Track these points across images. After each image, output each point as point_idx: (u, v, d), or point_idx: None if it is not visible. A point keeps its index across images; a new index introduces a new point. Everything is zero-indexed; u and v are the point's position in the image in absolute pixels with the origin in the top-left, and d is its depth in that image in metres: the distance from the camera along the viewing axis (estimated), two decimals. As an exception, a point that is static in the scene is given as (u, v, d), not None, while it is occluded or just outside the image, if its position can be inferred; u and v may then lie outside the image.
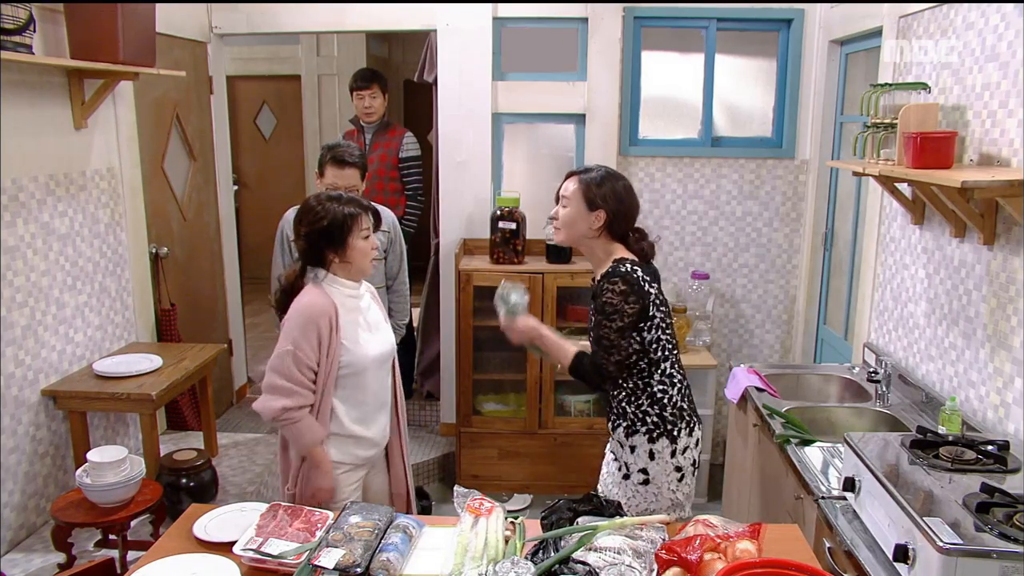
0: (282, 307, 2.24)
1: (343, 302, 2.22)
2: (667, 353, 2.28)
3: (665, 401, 2.26)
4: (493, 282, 3.90)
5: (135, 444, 3.44)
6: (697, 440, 2.32)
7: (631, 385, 2.28)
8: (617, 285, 2.18)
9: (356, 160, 3.02)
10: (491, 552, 1.73)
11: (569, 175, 2.33)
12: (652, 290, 2.23)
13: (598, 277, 2.28)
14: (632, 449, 2.29)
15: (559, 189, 2.32)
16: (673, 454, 2.26)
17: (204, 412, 3.46)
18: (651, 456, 2.26)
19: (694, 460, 2.32)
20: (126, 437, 3.44)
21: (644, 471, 2.28)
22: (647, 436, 2.26)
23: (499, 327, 2.38)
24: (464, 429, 3.89)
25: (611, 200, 2.25)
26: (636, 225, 2.34)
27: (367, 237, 2.25)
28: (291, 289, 2.24)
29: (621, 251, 2.28)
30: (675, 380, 2.29)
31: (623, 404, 2.30)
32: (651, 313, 2.23)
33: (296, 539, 1.83)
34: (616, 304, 2.18)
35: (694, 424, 2.31)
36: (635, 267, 2.22)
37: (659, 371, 2.27)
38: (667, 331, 2.28)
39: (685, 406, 2.29)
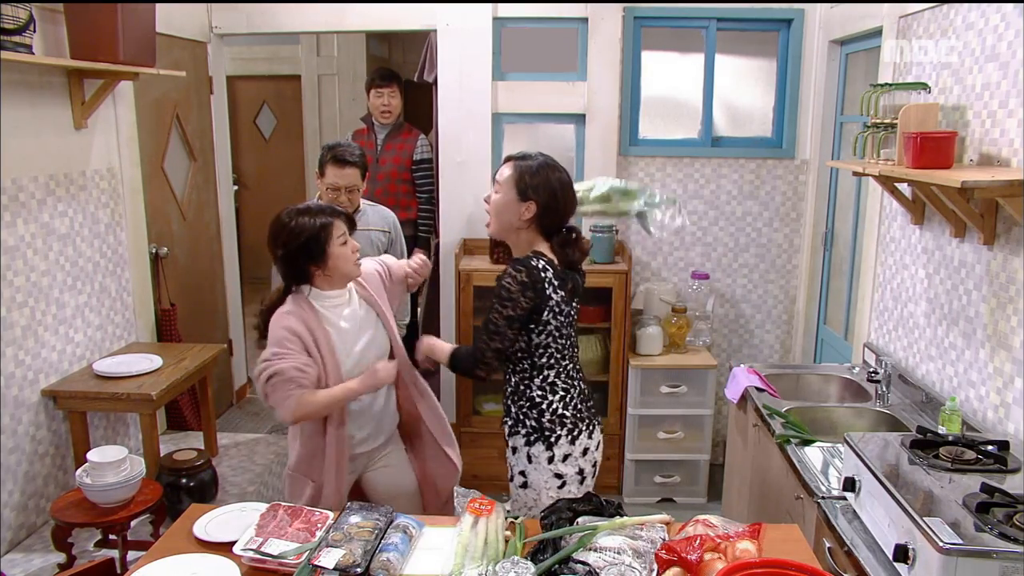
0: (265, 329, 2.19)
1: (327, 315, 2.19)
2: (553, 362, 2.20)
3: (544, 407, 2.20)
4: (493, 282, 3.88)
5: (135, 444, 3.44)
6: (585, 449, 2.23)
7: (513, 382, 2.25)
8: (521, 274, 2.10)
9: (356, 159, 3.02)
10: (491, 552, 1.74)
11: (506, 159, 2.23)
12: (554, 295, 2.14)
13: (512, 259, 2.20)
14: (514, 450, 2.26)
15: (495, 173, 2.22)
16: (551, 460, 2.20)
17: (204, 412, 3.46)
18: (528, 459, 2.22)
19: (581, 469, 2.23)
20: (126, 437, 3.44)
21: (523, 474, 2.24)
22: (524, 439, 2.22)
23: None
24: (464, 429, 3.89)
25: (543, 192, 2.14)
26: (571, 225, 2.24)
27: (345, 243, 2.18)
28: (273, 310, 2.19)
29: (543, 247, 2.19)
30: (557, 388, 2.21)
31: (508, 401, 2.27)
32: (544, 318, 2.14)
33: (296, 539, 1.83)
34: (512, 292, 2.10)
35: (580, 432, 2.22)
36: (547, 266, 2.14)
37: (540, 377, 2.20)
38: (560, 340, 2.20)
39: (568, 413, 2.21)
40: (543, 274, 2.12)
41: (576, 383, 2.27)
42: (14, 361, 2.79)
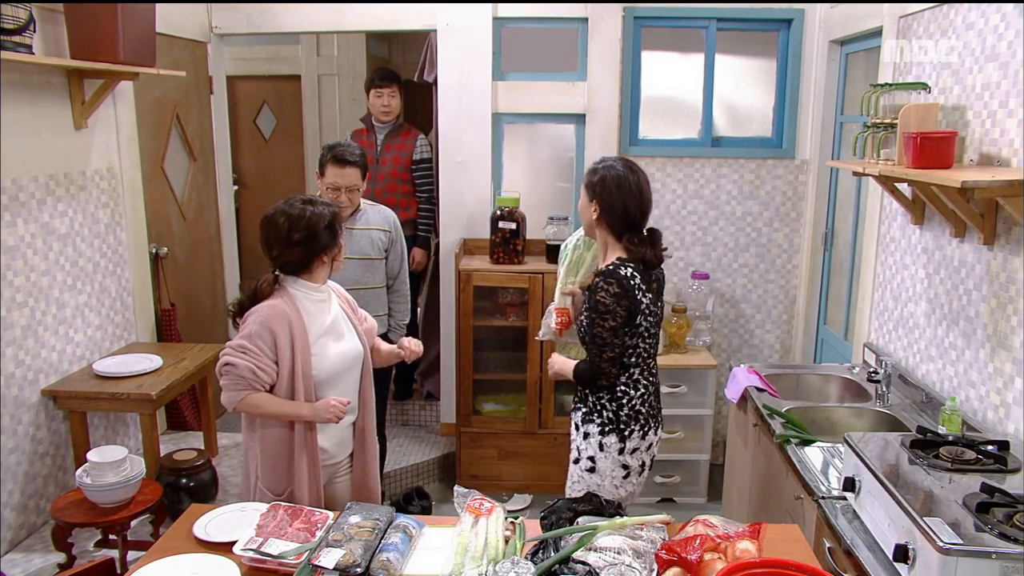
0: (240, 313, 2.19)
1: (310, 308, 2.19)
2: (639, 360, 2.31)
3: (624, 401, 2.30)
4: (493, 282, 3.90)
5: (135, 444, 3.44)
6: (650, 445, 2.37)
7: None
8: (612, 286, 2.20)
9: (357, 159, 3.02)
10: (491, 552, 1.74)
11: None
12: (644, 299, 2.24)
13: (599, 269, 2.29)
14: (585, 436, 2.36)
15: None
16: (621, 452, 2.32)
17: (204, 412, 3.46)
18: (600, 447, 2.32)
19: (643, 463, 2.37)
20: (126, 437, 3.44)
21: (592, 459, 2.34)
22: (599, 428, 2.32)
23: (499, 327, 2.40)
24: (464, 429, 3.89)
25: (600, 191, 2.26)
26: (651, 227, 2.31)
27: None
28: (258, 299, 2.17)
29: (619, 250, 2.29)
30: (639, 385, 2.32)
31: (586, 391, 2.37)
32: (637, 321, 2.25)
33: (296, 539, 1.83)
34: (608, 304, 2.20)
35: (649, 429, 2.35)
36: (634, 273, 2.23)
37: (626, 374, 2.30)
38: (648, 340, 2.31)
39: (643, 411, 2.33)
40: (632, 281, 2.22)
41: (655, 379, 2.40)
42: (14, 361, 2.79)
